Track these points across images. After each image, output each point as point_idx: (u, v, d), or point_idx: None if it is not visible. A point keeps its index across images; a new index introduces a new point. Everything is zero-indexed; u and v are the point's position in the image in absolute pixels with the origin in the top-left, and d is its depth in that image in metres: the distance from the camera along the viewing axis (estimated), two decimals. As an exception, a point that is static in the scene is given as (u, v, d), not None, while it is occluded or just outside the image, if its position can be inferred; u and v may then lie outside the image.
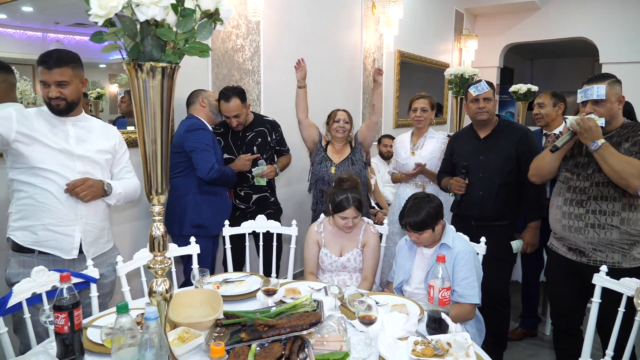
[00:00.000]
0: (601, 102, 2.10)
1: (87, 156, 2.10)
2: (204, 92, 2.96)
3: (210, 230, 2.86)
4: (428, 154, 3.16)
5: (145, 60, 1.25)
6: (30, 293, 1.80)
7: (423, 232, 2.19)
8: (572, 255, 2.25)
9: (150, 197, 1.36)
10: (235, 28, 3.42)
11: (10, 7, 2.37)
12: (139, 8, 1.17)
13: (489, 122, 2.77)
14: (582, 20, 7.00)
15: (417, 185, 3.22)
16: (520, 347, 3.28)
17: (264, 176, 3.09)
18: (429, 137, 3.23)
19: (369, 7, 5.01)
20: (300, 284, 2.22)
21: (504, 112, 9.14)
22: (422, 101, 3.18)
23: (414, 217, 2.18)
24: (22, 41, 2.46)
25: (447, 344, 1.60)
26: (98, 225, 2.16)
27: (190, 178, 2.81)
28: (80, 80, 2.08)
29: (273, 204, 3.27)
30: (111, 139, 2.23)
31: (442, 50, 6.87)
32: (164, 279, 1.40)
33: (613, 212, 2.11)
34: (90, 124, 2.17)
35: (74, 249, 2.07)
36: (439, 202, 2.26)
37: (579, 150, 2.24)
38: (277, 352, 1.50)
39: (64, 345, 1.50)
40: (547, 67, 11.72)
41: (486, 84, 2.73)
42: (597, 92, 2.08)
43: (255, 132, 3.16)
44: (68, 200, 2.03)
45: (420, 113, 3.17)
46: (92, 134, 2.15)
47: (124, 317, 1.33)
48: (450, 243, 2.22)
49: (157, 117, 1.31)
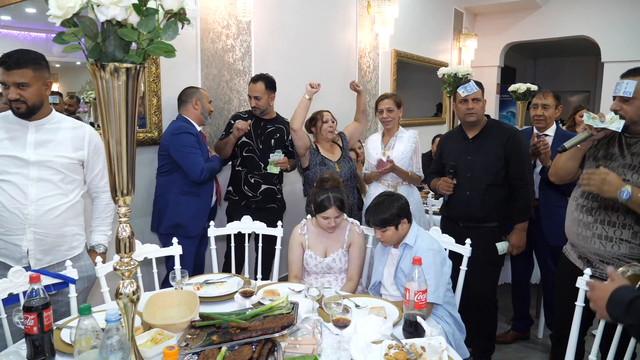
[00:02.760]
0: (629, 100, 1.90)
1: (43, 161, 2.00)
2: (198, 93, 2.94)
3: (189, 231, 2.86)
4: (399, 154, 3.15)
5: (108, 60, 1.24)
6: (7, 293, 1.80)
7: (386, 229, 2.22)
8: (580, 264, 2.10)
9: (115, 198, 1.35)
10: (225, 28, 3.41)
11: (14, 9, 2.41)
12: (99, 8, 1.16)
13: (478, 122, 2.75)
14: (583, 18, 6.94)
15: (389, 185, 3.21)
16: (511, 349, 3.25)
17: (279, 164, 3.15)
18: (399, 136, 3.23)
19: (364, 7, 4.99)
20: (280, 285, 2.21)
21: (504, 112, 9.08)
22: (387, 101, 3.18)
23: (377, 214, 2.22)
24: (26, 42, 2.50)
25: (422, 348, 1.58)
26: (53, 233, 2.05)
27: (172, 177, 2.82)
28: (44, 82, 2.00)
29: (279, 200, 3.34)
30: (81, 141, 2.11)
31: (440, 50, 6.84)
32: (131, 281, 1.39)
33: (624, 225, 1.92)
34: (58, 125, 2.08)
35: (23, 257, 2.01)
36: (405, 202, 2.28)
37: (603, 153, 2.05)
38: (247, 354, 1.49)
39: (33, 346, 1.50)
40: (550, 66, 11.64)
41: (475, 84, 2.69)
42: (625, 89, 1.89)
43: (276, 127, 3.28)
44: (15, 209, 1.96)
45: (387, 114, 3.17)
46: (57, 137, 2.06)
47: (87, 319, 1.32)
48: (412, 242, 2.22)
49: (122, 118, 1.30)
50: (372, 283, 2.37)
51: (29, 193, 1.98)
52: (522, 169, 2.66)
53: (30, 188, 1.98)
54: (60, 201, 2.06)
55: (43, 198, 2.00)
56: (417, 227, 2.30)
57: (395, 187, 3.18)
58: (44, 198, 2.01)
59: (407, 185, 3.21)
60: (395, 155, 3.14)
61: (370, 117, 4.72)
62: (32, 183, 1.98)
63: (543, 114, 3.10)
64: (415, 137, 3.24)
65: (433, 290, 2.08)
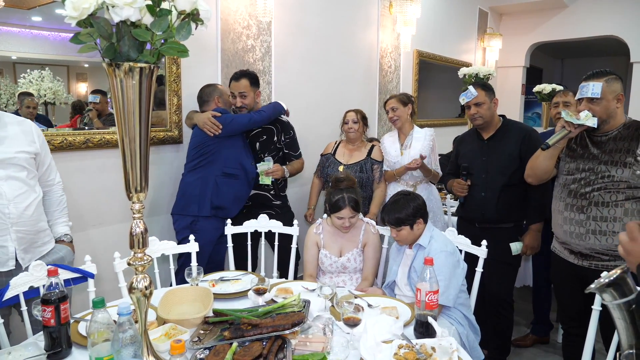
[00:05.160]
0: (596, 101, 2.03)
1: (6, 159, 1.93)
2: (217, 90, 2.97)
3: (229, 212, 2.86)
4: (417, 153, 3.15)
5: (123, 60, 1.27)
6: (28, 287, 1.86)
7: (400, 229, 2.22)
8: (575, 259, 2.19)
9: (129, 195, 1.38)
10: (245, 29, 3.45)
11: (45, 10, 2.48)
12: (114, 9, 1.19)
13: (489, 124, 2.74)
14: (611, 17, 6.76)
15: (408, 185, 3.21)
16: (529, 353, 3.20)
17: (269, 174, 2.98)
18: (415, 136, 3.24)
19: (385, 7, 4.97)
20: (293, 284, 2.22)
21: (530, 113, 8.93)
22: (391, 101, 3.24)
23: (392, 213, 2.23)
24: (56, 42, 2.56)
25: (432, 349, 1.58)
26: (31, 230, 2.00)
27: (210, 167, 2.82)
28: None
29: (277, 207, 3.16)
30: (30, 135, 2.04)
31: (464, 50, 6.76)
32: (145, 276, 1.42)
33: (615, 219, 2.04)
34: (4, 121, 1.98)
35: (9, 259, 1.93)
36: (421, 202, 2.27)
37: (581, 152, 2.17)
38: (256, 351, 1.51)
39: (51, 338, 1.55)
40: (578, 66, 11.34)
41: (474, 88, 2.70)
42: (592, 90, 2.02)
43: (262, 129, 3.08)
44: None
45: (392, 113, 3.22)
46: (8, 133, 1.97)
47: (101, 313, 1.35)
48: (425, 243, 2.21)
49: (135, 116, 1.33)
50: (387, 282, 2.38)
51: (4, 192, 1.91)
52: None
53: (3, 187, 1.91)
54: (31, 197, 2.00)
55: (17, 196, 1.94)
56: (433, 228, 2.29)
57: (414, 187, 3.17)
58: (18, 196, 1.95)
59: (426, 184, 3.23)
60: (413, 154, 3.14)
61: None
62: (2, 183, 1.91)
63: None
64: (432, 136, 3.25)
65: (442, 292, 2.07)
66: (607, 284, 1.13)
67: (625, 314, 1.13)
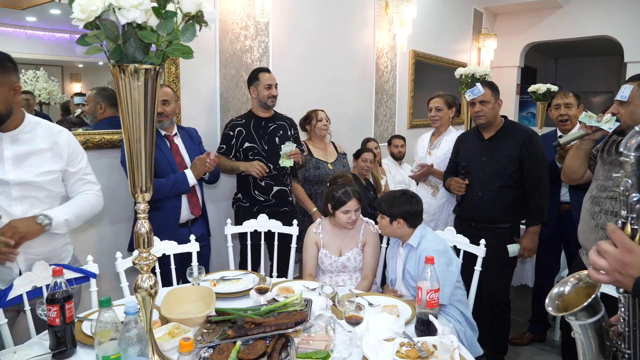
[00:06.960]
0: (624, 104, 1.97)
1: (25, 181, 1.84)
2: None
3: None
4: (442, 154, 3.17)
5: (128, 62, 1.28)
6: (31, 286, 1.87)
7: (383, 217, 2.29)
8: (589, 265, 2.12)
9: (135, 195, 1.40)
10: (243, 29, 3.46)
11: (39, 10, 2.47)
12: (120, 12, 1.21)
13: (491, 124, 2.74)
14: (605, 18, 6.81)
15: (431, 186, 3.25)
16: (527, 351, 3.23)
17: (291, 156, 2.97)
18: (446, 137, 3.24)
19: (381, 7, 4.99)
20: (295, 283, 2.24)
21: (524, 113, 8.98)
22: (436, 100, 3.23)
23: (384, 200, 2.32)
24: (50, 43, 2.56)
25: (433, 346, 1.60)
26: (43, 251, 1.93)
27: None
28: (11, 87, 1.76)
29: (290, 203, 3.20)
30: (60, 149, 1.94)
31: (459, 50, 6.80)
32: (149, 275, 1.44)
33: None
34: (33, 134, 1.89)
35: (13, 279, 1.85)
36: (415, 209, 2.27)
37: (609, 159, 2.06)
38: (260, 349, 1.53)
39: (56, 337, 1.56)
40: (572, 66, 11.44)
41: (482, 86, 2.70)
42: (622, 93, 1.97)
43: (277, 125, 3.15)
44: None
45: (435, 112, 3.22)
46: (35, 147, 1.88)
47: (107, 312, 1.36)
48: (415, 244, 2.24)
49: (140, 117, 1.34)
50: (390, 279, 2.43)
51: (13, 213, 1.83)
52: (536, 172, 2.64)
53: (14, 208, 1.84)
54: None
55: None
56: (424, 228, 2.31)
57: (436, 188, 3.20)
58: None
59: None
60: (439, 154, 3.17)
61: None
62: (15, 203, 1.84)
63: (567, 113, 3.08)
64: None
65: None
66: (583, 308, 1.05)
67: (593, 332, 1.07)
